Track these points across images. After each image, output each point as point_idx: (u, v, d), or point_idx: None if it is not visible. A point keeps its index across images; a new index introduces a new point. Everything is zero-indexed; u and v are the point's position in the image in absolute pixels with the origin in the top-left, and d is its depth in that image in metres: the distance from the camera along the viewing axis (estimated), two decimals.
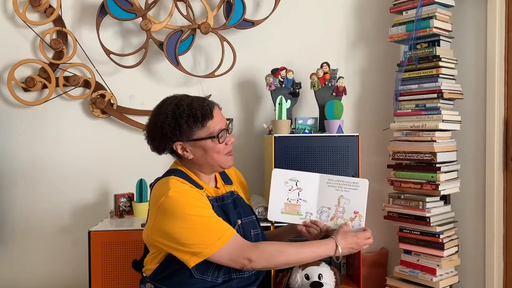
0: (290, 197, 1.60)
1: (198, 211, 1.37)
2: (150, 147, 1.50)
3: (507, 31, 2.16)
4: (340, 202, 1.57)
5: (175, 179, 1.43)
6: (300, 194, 1.60)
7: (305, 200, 1.59)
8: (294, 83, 2.40)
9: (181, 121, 1.41)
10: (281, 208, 1.61)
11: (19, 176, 2.55)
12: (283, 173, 1.62)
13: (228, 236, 1.36)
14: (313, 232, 1.56)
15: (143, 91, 2.58)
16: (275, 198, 1.61)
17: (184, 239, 1.34)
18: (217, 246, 1.34)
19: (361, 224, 1.56)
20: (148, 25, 2.39)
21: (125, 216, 2.39)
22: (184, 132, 1.42)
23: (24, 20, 2.46)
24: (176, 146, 1.45)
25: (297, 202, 1.60)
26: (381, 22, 2.58)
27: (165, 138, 1.43)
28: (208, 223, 1.36)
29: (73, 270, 2.55)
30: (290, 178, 1.61)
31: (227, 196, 1.54)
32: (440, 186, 2.11)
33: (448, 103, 2.19)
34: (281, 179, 1.61)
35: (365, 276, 2.44)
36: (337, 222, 1.57)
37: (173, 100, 1.46)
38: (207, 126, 1.43)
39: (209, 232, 1.35)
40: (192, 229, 1.34)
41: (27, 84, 2.46)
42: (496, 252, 2.20)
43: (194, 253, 1.34)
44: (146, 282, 1.49)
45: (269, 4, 2.53)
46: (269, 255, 1.38)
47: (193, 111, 1.42)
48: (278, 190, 1.61)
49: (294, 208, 1.59)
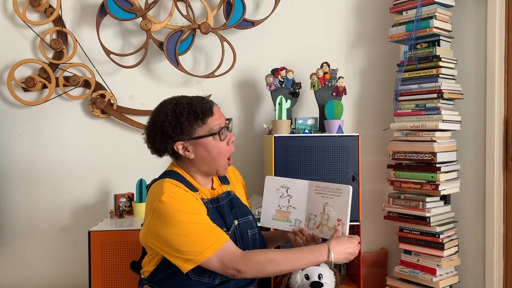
0: (281, 203, 1.61)
1: (190, 217, 1.35)
2: (150, 149, 1.49)
3: (507, 31, 2.16)
4: (325, 210, 1.54)
5: (169, 182, 1.41)
6: (290, 201, 1.60)
7: (295, 207, 1.59)
8: (294, 83, 2.40)
9: (181, 118, 1.40)
10: (273, 214, 1.61)
11: (19, 176, 2.55)
12: (275, 180, 1.64)
13: (219, 243, 1.34)
14: (298, 241, 1.53)
15: (143, 91, 2.58)
16: (267, 205, 1.62)
17: (177, 245, 1.34)
18: (208, 253, 1.32)
19: (344, 232, 1.49)
20: (148, 25, 2.39)
21: (125, 216, 2.39)
22: (185, 130, 1.41)
23: (24, 20, 2.46)
24: (177, 146, 1.43)
25: (287, 209, 1.60)
26: (381, 22, 2.59)
27: (166, 137, 1.42)
28: (200, 230, 1.35)
29: (73, 270, 2.55)
30: (281, 185, 1.61)
31: (223, 197, 1.53)
32: (440, 186, 2.11)
33: (448, 103, 2.19)
34: (273, 186, 1.62)
35: (365, 276, 2.44)
36: (322, 230, 1.53)
37: (172, 100, 1.46)
38: (207, 123, 1.42)
39: (201, 239, 1.34)
40: (184, 236, 1.33)
41: (27, 84, 2.46)
42: (496, 252, 2.20)
43: (186, 259, 1.33)
44: (144, 284, 1.48)
45: (269, 4, 2.53)
46: (258, 265, 1.35)
47: (193, 108, 1.41)
48: (270, 197, 1.62)
49: (285, 214, 1.60)
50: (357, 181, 2.19)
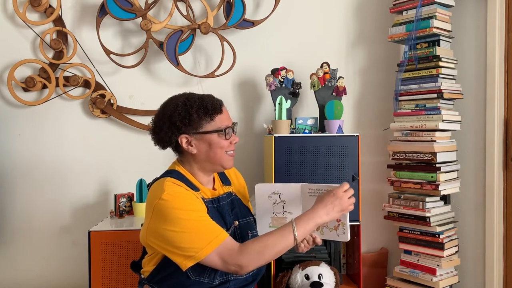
0: (275, 210, 1.57)
1: (190, 214, 1.36)
2: (154, 140, 1.50)
3: (507, 31, 2.16)
4: None
5: (171, 181, 1.42)
6: (285, 207, 1.56)
7: (290, 212, 1.55)
8: (294, 83, 2.40)
9: (191, 110, 1.42)
10: (269, 222, 1.58)
11: (19, 176, 2.55)
12: (265, 188, 1.59)
13: (219, 240, 1.34)
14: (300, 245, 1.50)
15: (143, 91, 2.58)
16: (262, 214, 1.58)
17: (177, 243, 1.34)
18: (207, 250, 1.33)
19: (345, 232, 1.47)
20: (148, 25, 2.39)
21: (125, 216, 2.39)
22: (193, 123, 1.43)
23: (24, 20, 2.46)
24: (181, 139, 1.44)
25: (283, 215, 1.56)
26: (381, 22, 2.59)
27: (173, 128, 1.43)
28: (200, 226, 1.35)
29: (73, 270, 2.55)
30: (272, 191, 1.57)
31: (224, 197, 1.54)
32: (440, 186, 2.11)
33: (448, 103, 2.19)
34: (264, 194, 1.57)
35: (365, 276, 2.44)
36: (323, 232, 1.53)
37: (183, 94, 1.50)
38: (215, 120, 1.45)
39: (201, 235, 1.34)
40: (184, 232, 1.34)
41: (27, 84, 2.46)
42: (496, 252, 2.20)
43: (186, 256, 1.34)
44: (144, 284, 1.49)
45: (269, 4, 2.53)
46: (258, 254, 1.35)
47: (204, 103, 1.44)
48: (263, 205, 1.57)
49: (281, 221, 1.55)
50: (357, 181, 2.19)
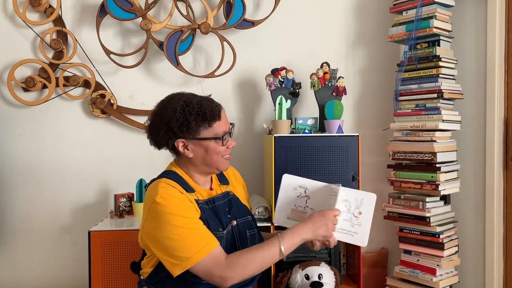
0: (297, 203, 1.57)
1: (182, 221, 1.35)
2: (151, 141, 1.49)
3: (507, 31, 2.16)
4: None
5: (165, 182, 1.41)
6: (308, 202, 1.57)
7: (312, 208, 1.55)
8: (294, 83, 2.40)
9: (189, 118, 1.40)
10: (288, 213, 1.58)
11: (19, 176, 2.55)
12: (293, 179, 1.59)
13: (207, 250, 1.33)
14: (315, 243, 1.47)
15: (143, 91, 2.58)
16: (283, 203, 1.58)
17: (166, 249, 1.34)
18: (195, 259, 1.32)
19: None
20: (148, 25, 2.39)
21: (125, 216, 2.39)
22: (191, 130, 1.41)
23: (24, 20, 2.46)
24: (178, 143, 1.43)
25: (304, 209, 1.56)
26: (381, 22, 2.59)
27: (170, 133, 1.42)
28: (190, 234, 1.34)
29: (73, 270, 2.55)
30: (299, 185, 1.58)
31: (219, 197, 1.53)
32: (440, 186, 2.11)
33: (448, 103, 2.19)
34: (290, 185, 1.58)
35: (365, 276, 2.44)
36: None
37: (181, 96, 1.46)
38: (213, 127, 1.43)
39: (190, 244, 1.33)
40: (173, 239, 1.33)
41: (27, 84, 2.46)
42: (496, 252, 2.20)
43: (174, 264, 1.33)
44: (143, 285, 1.49)
45: (269, 4, 2.53)
46: (243, 267, 1.34)
47: (203, 110, 1.41)
48: (286, 196, 1.58)
49: (300, 215, 1.56)
50: (357, 181, 2.19)
